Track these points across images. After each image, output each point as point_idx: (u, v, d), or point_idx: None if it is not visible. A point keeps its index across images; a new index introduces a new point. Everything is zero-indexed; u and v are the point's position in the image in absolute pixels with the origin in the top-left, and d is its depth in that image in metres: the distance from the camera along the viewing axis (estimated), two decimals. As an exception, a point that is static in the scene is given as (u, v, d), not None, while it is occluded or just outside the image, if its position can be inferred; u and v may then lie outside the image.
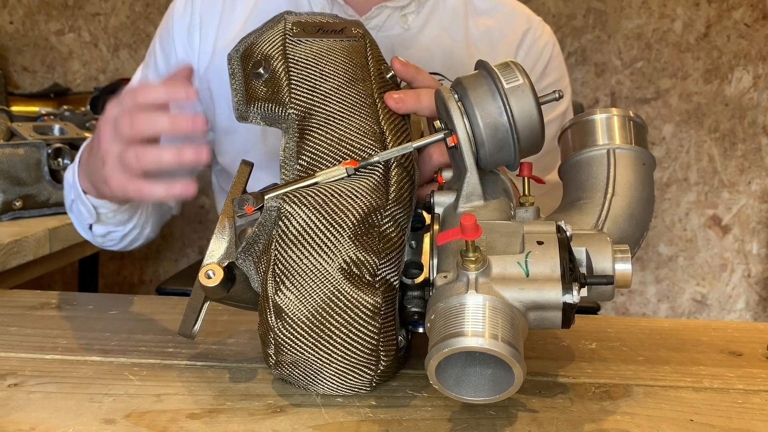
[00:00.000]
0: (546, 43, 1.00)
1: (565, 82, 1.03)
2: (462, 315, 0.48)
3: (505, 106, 0.56)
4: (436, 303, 0.50)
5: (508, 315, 0.48)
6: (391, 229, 0.58)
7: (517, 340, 0.47)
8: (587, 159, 0.64)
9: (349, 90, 0.64)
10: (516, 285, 0.50)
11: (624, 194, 0.61)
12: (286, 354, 0.56)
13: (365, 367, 0.56)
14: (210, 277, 0.57)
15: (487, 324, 0.47)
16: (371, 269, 0.56)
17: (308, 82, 0.64)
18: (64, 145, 1.27)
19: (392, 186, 0.59)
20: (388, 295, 0.56)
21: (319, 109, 0.63)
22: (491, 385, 0.50)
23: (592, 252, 0.54)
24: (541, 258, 0.51)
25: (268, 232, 0.57)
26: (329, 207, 0.56)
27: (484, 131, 0.56)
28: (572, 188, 0.64)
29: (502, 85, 0.56)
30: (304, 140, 0.62)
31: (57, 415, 0.53)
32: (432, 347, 0.48)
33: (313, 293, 0.55)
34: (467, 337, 0.46)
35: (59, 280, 2.37)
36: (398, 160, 0.60)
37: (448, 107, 0.57)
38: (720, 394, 0.60)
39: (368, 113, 0.62)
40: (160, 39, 0.99)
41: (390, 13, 0.92)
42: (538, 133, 0.57)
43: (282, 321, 0.55)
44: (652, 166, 0.64)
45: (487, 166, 0.58)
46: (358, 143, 0.61)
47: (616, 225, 0.60)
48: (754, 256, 2.32)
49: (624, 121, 0.64)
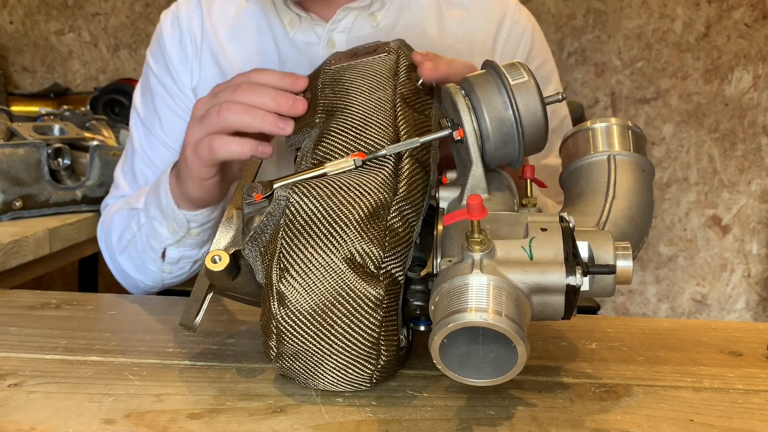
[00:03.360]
0: (525, 28, 0.98)
1: (549, 66, 1.02)
2: (466, 294, 0.48)
3: (510, 100, 0.57)
4: (440, 284, 0.50)
5: (513, 295, 0.49)
6: (398, 224, 0.58)
7: (521, 319, 0.48)
8: (588, 165, 0.65)
9: (372, 95, 0.66)
10: (520, 267, 0.51)
11: (625, 197, 0.62)
12: (287, 344, 0.56)
13: (366, 360, 0.56)
14: (216, 262, 0.57)
15: (491, 301, 0.48)
16: (375, 261, 0.56)
17: (333, 90, 0.68)
18: (64, 145, 1.27)
19: (402, 181, 0.60)
20: (391, 288, 0.56)
21: (342, 110, 0.65)
22: (494, 368, 0.50)
23: (595, 247, 0.55)
24: (544, 243, 0.52)
25: (276, 222, 0.58)
26: (336, 199, 0.57)
27: (489, 125, 0.58)
28: (573, 193, 0.65)
29: (508, 81, 0.58)
30: (322, 137, 0.64)
31: (57, 415, 0.53)
32: (436, 324, 0.48)
33: (317, 282, 0.55)
34: (471, 312, 0.47)
35: (59, 280, 2.37)
36: (412, 152, 0.61)
37: (455, 101, 0.59)
38: (720, 394, 0.60)
39: (386, 115, 0.64)
40: (154, 59, 1.00)
41: (357, 14, 0.92)
42: (542, 130, 0.58)
43: (285, 309, 0.55)
44: (652, 174, 0.65)
45: (492, 161, 0.59)
46: (372, 140, 0.62)
47: (616, 226, 0.60)
48: (754, 256, 2.32)
49: (623, 130, 0.65)
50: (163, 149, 0.98)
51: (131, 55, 2.40)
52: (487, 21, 0.96)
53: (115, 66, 2.42)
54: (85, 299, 0.83)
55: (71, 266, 2.19)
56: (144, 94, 1.02)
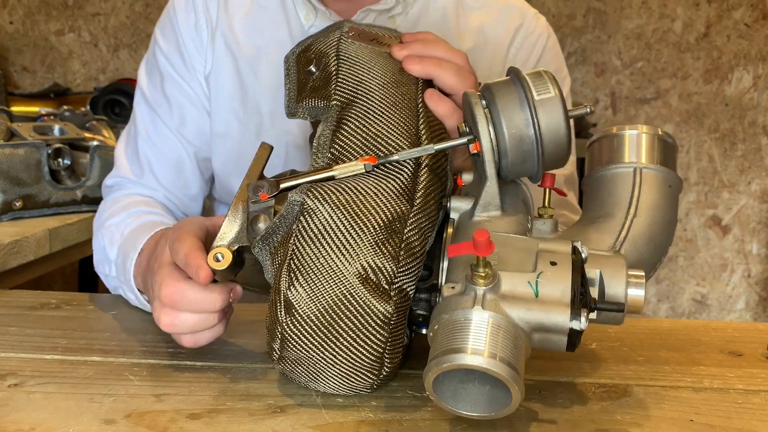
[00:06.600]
0: (539, 36, 0.98)
1: (561, 76, 1.01)
2: (465, 331, 0.47)
3: (533, 118, 0.54)
4: (441, 314, 0.49)
5: (512, 334, 0.48)
6: (414, 238, 0.56)
7: (517, 360, 0.47)
8: (612, 175, 0.62)
9: (393, 90, 0.63)
10: (524, 305, 0.49)
11: (646, 216, 0.60)
12: (291, 350, 0.55)
13: (369, 371, 0.56)
14: (218, 260, 0.57)
15: (488, 342, 0.46)
16: (388, 277, 0.55)
17: (354, 76, 0.64)
18: (64, 146, 1.27)
19: (419, 191, 0.58)
20: (401, 304, 0.55)
21: (361, 101, 0.62)
22: (488, 401, 0.49)
23: (606, 275, 0.53)
24: (552, 279, 0.50)
25: (288, 225, 0.57)
26: (353, 207, 0.55)
27: (508, 142, 0.55)
28: (594, 203, 0.63)
29: (532, 95, 0.54)
30: (339, 130, 0.61)
31: (57, 415, 0.53)
32: (431, 360, 0.47)
33: (326, 293, 0.54)
34: (467, 354, 0.46)
35: (59, 280, 2.37)
36: (428, 163, 0.59)
37: (474, 113, 0.56)
38: (720, 394, 0.60)
39: (408, 114, 0.62)
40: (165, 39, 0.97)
41: (376, 16, 0.92)
42: (564, 147, 0.55)
43: (291, 317, 0.54)
44: (679, 188, 0.62)
45: (509, 176, 0.57)
46: (392, 142, 0.59)
47: (634, 247, 0.59)
48: (754, 256, 2.32)
49: (652, 140, 0.62)
50: (169, 134, 0.95)
51: (131, 55, 2.40)
52: (505, 28, 0.96)
53: (115, 66, 2.42)
54: (85, 299, 0.83)
55: (71, 266, 2.19)
56: (151, 74, 0.98)
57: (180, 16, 0.95)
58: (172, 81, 0.95)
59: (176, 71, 0.95)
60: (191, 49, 0.95)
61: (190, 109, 0.95)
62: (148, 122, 0.97)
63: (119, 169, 0.99)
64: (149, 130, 0.96)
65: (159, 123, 0.96)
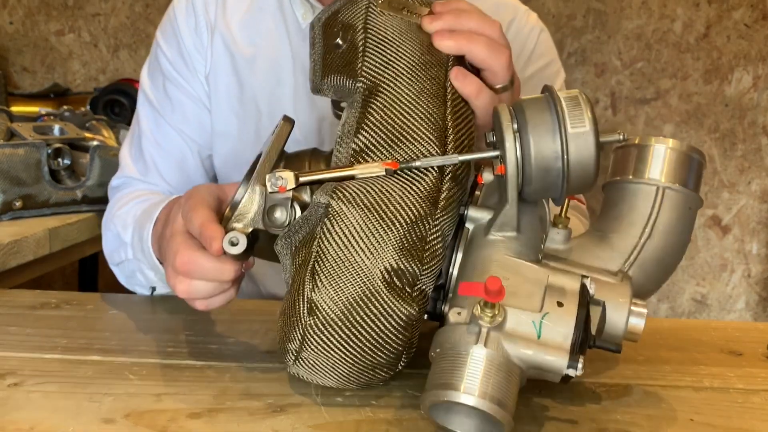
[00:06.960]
0: (531, 29, 0.98)
1: (554, 68, 1.01)
2: (462, 368, 0.48)
3: (563, 151, 0.52)
4: (443, 341, 0.50)
5: (506, 371, 0.48)
6: (437, 240, 0.56)
7: (508, 396, 0.48)
8: (634, 190, 0.61)
9: (422, 73, 0.60)
10: (525, 344, 0.50)
11: (660, 238, 0.59)
12: (311, 351, 0.55)
13: (387, 368, 0.56)
14: (234, 244, 0.57)
15: (481, 381, 0.47)
16: (411, 279, 0.55)
17: (383, 56, 0.61)
18: (64, 146, 1.27)
19: (443, 194, 0.57)
20: (423, 305, 0.56)
21: (388, 86, 0.60)
22: (481, 419, 0.50)
23: (610, 307, 0.55)
24: (557, 322, 0.51)
25: (312, 225, 0.56)
26: (380, 210, 0.55)
27: (534, 171, 0.53)
28: (611, 214, 0.62)
29: (566, 128, 0.52)
30: (365, 118, 0.59)
31: (57, 414, 0.53)
32: (428, 390, 0.49)
33: (351, 294, 0.54)
34: (460, 392, 0.47)
35: (59, 280, 2.37)
36: (453, 172, 0.58)
37: (503, 135, 0.54)
38: (720, 393, 0.60)
39: (436, 103, 0.60)
40: (166, 42, 0.98)
41: None
42: (590, 179, 0.54)
43: (314, 318, 0.54)
44: (699, 208, 0.62)
45: (530, 199, 0.56)
46: (418, 137, 0.58)
47: (642, 268, 0.59)
48: (754, 256, 2.32)
49: (679, 158, 0.61)
50: (173, 133, 0.96)
51: (131, 55, 2.40)
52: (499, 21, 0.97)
53: (115, 66, 2.42)
54: (85, 299, 0.83)
55: (71, 266, 2.19)
56: (154, 76, 0.99)
57: (180, 19, 0.97)
58: (174, 82, 0.96)
59: (178, 72, 0.96)
60: (192, 50, 0.96)
61: (192, 108, 0.96)
62: (151, 122, 0.98)
63: (124, 170, 1.01)
64: (153, 130, 0.97)
65: (162, 122, 0.97)
